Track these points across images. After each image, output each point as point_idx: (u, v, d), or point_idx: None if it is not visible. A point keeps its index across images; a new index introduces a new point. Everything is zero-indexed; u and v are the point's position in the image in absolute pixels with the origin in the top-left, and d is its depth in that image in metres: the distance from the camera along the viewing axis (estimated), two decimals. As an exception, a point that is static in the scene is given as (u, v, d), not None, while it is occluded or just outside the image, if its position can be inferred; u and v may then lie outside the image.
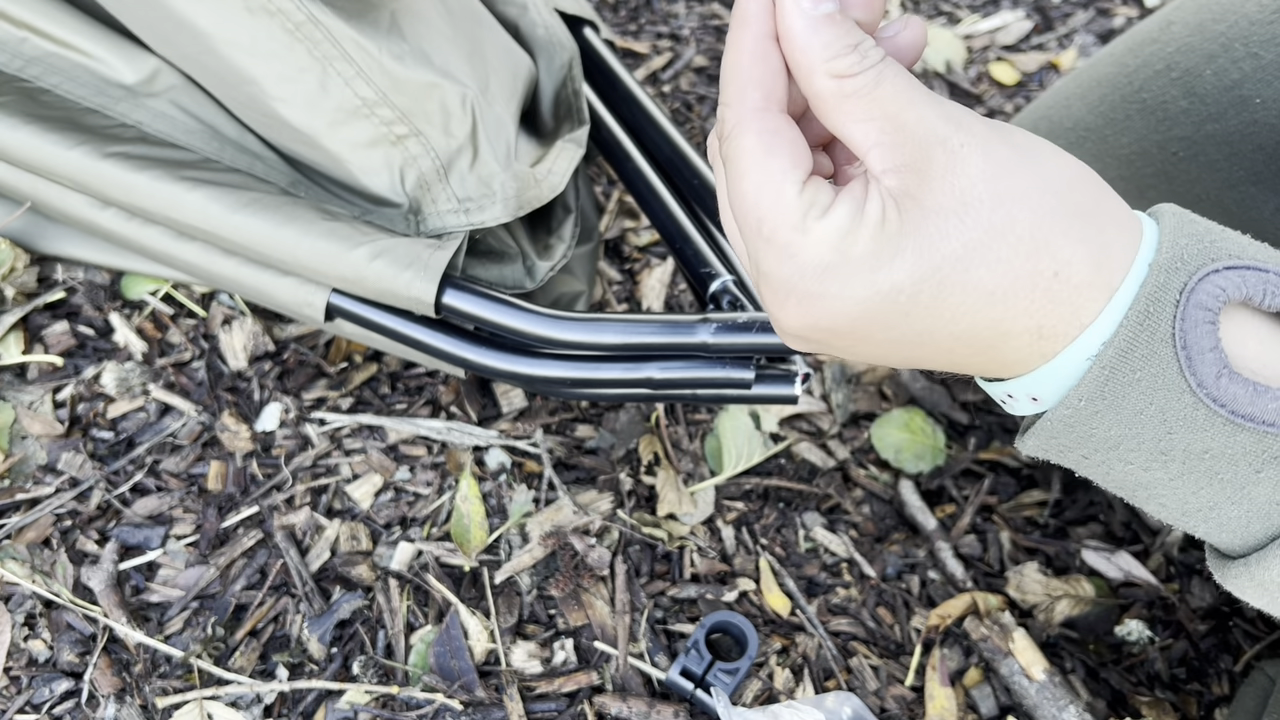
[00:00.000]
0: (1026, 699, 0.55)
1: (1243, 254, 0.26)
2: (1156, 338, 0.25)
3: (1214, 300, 0.25)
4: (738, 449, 0.65)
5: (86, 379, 0.64)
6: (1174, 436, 0.26)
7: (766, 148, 0.27)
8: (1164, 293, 0.25)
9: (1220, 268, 0.25)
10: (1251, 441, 0.26)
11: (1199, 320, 0.25)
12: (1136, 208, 0.54)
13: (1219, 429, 0.26)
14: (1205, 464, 0.26)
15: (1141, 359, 0.25)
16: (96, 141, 0.53)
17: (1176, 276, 0.25)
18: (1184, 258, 0.25)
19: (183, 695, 0.53)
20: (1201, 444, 0.26)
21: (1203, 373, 0.25)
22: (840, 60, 0.26)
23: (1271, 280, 0.25)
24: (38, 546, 0.57)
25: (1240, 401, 0.25)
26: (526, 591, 0.59)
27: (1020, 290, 0.26)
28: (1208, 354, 0.25)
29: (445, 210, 0.53)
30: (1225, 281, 0.25)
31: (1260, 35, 0.47)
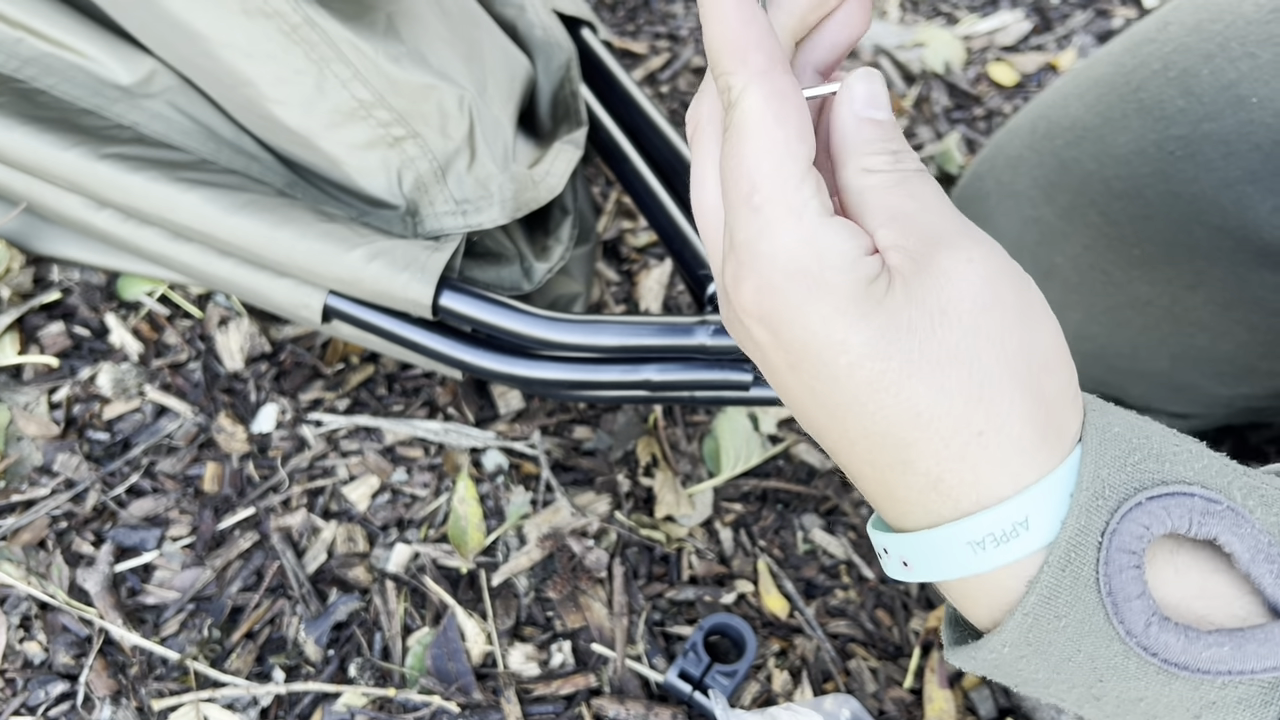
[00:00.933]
0: (1025, 701, 0.55)
1: (1169, 473, 0.24)
2: (1080, 582, 0.24)
3: (1138, 542, 0.23)
4: (736, 450, 0.65)
5: (82, 380, 0.64)
6: (1105, 684, 0.25)
7: (775, 114, 0.25)
8: (1085, 535, 0.23)
9: (1144, 499, 0.24)
10: (1187, 689, 0.24)
11: (1123, 565, 0.23)
12: (1134, 207, 0.55)
13: (1152, 678, 0.24)
14: (1140, 709, 0.25)
15: (1066, 605, 0.24)
16: (93, 142, 0.53)
17: (1098, 516, 0.24)
18: (1105, 491, 0.24)
19: (178, 697, 0.52)
20: (1135, 692, 0.24)
21: (1131, 621, 0.23)
22: (875, 158, 0.27)
23: (1197, 506, 0.24)
24: (33, 548, 0.57)
25: (1173, 650, 0.23)
26: (524, 593, 0.58)
27: (943, 427, 0.24)
28: (1134, 601, 0.23)
29: (442, 212, 0.53)
30: (1149, 518, 0.23)
31: (1257, 35, 0.47)
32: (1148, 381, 0.61)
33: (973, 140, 0.92)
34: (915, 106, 0.94)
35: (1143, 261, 0.54)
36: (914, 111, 0.94)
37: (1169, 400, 0.64)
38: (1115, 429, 0.25)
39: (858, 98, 0.27)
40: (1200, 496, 0.24)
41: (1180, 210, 0.51)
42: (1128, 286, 0.56)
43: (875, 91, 0.27)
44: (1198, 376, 0.58)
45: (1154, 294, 0.55)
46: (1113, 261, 0.55)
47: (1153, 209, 0.53)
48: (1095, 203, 0.55)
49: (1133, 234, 0.54)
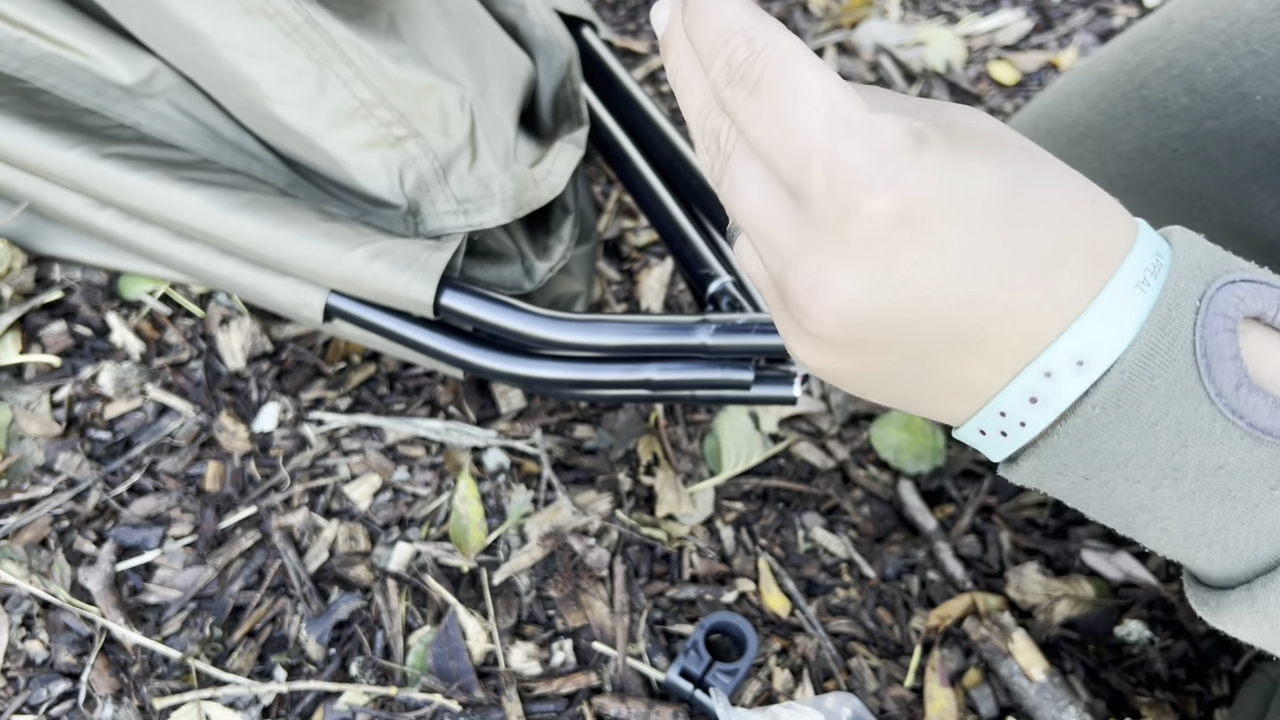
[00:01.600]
0: (1026, 700, 0.55)
1: (1253, 272, 0.26)
2: (1176, 344, 0.24)
3: (1233, 309, 0.24)
4: (737, 449, 0.65)
5: (84, 379, 0.64)
6: (1188, 450, 0.25)
7: (809, 51, 0.25)
8: (1184, 298, 0.24)
9: (1237, 279, 0.25)
10: (1269, 457, 0.25)
11: (1219, 328, 0.24)
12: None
13: (1236, 442, 0.25)
14: (1219, 480, 0.25)
15: (1161, 365, 0.24)
16: (94, 142, 0.53)
17: (1196, 283, 0.25)
18: (1201, 266, 0.25)
19: (180, 696, 0.53)
20: (1217, 458, 0.25)
21: (1222, 382, 0.24)
22: None
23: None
24: (35, 547, 0.57)
25: (1260, 414, 0.24)
26: (525, 592, 0.58)
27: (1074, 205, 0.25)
28: (1228, 362, 0.24)
29: (444, 211, 0.53)
30: (1243, 292, 0.25)
31: (1261, 32, 0.47)
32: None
33: (974, 139, 0.92)
34: (917, 105, 0.94)
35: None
36: (916, 110, 0.94)
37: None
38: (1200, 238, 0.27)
39: None
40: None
41: (1183, 208, 0.51)
42: (1130, 285, 0.56)
43: None
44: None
45: (1156, 292, 0.55)
46: None
47: (1156, 207, 0.52)
48: (1097, 201, 0.55)
49: (1135, 232, 0.54)
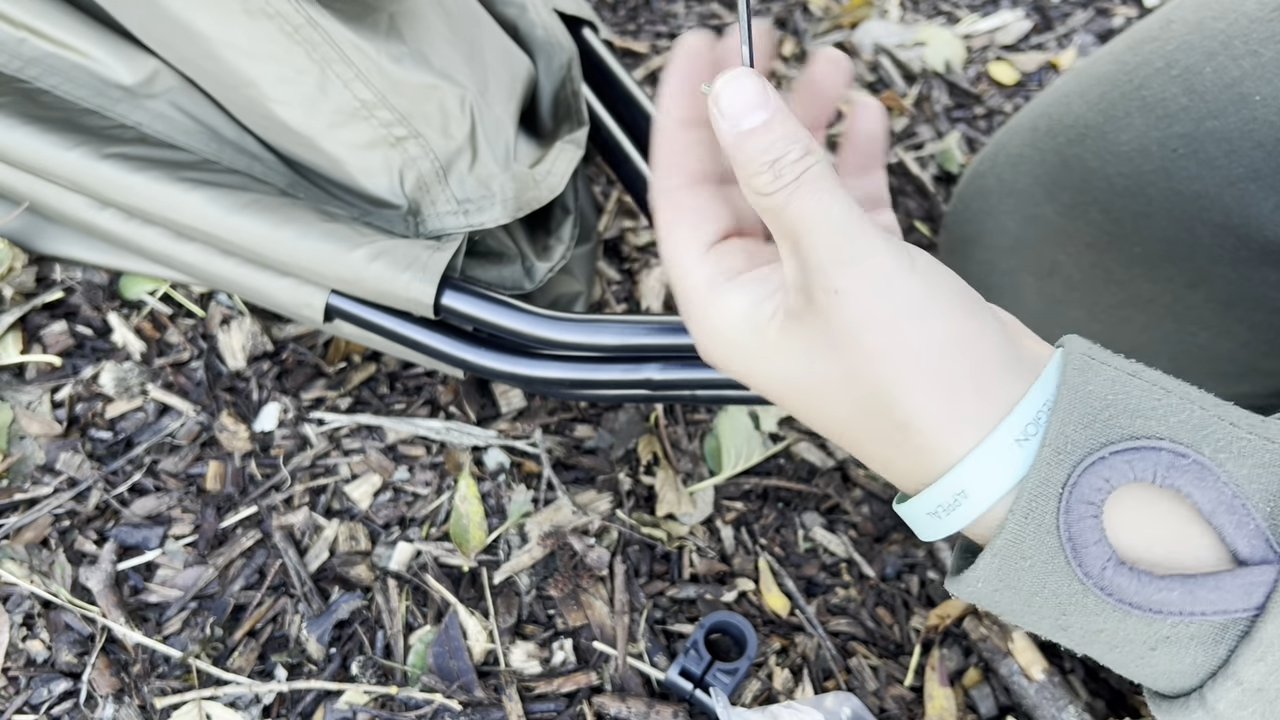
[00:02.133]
0: (1026, 699, 0.55)
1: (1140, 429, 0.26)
2: (1043, 529, 0.26)
3: (1097, 494, 0.25)
4: (737, 449, 0.65)
5: (85, 379, 0.64)
6: (1068, 617, 0.27)
7: (672, 219, 0.31)
8: (1047, 486, 0.26)
9: (1108, 454, 0.25)
10: (1141, 625, 0.26)
11: (1083, 514, 0.25)
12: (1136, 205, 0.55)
13: (1109, 614, 0.26)
14: (1102, 639, 0.27)
15: (1031, 548, 0.26)
16: (95, 142, 0.53)
17: (1059, 470, 0.26)
18: (1068, 447, 0.26)
19: (181, 695, 0.53)
20: (1095, 625, 0.27)
21: (1089, 565, 0.26)
22: (758, 178, 0.28)
23: (1164, 460, 0.25)
24: (36, 546, 0.57)
25: (1127, 592, 0.26)
26: (525, 592, 0.59)
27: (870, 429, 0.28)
28: (1091, 547, 0.25)
29: (444, 212, 0.53)
30: (1111, 471, 0.25)
31: (1260, 33, 0.47)
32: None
33: (973, 139, 0.92)
34: (916, 105, 0.94)
35: (1144, 259, 0.54)
36: (915, 110, 0.94)
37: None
38: (1090, 386, 0.26)
39: (727, 112, 0.28)
40: (1168, 450, 0.26)
41: (1182, 208, 0.51)
42: (1129, 284, 0.56)
43: (744, 92, 0.27)
44: (1199, 375, 0.58)
45: (1155, 292, 0.55)
46: (1114, 259, 0.55)
47: (1155, 207, 0.53)
48: (1097, 201, 0.55)
49: (1134, 232, 0.54)
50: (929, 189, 0.86)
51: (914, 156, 0.89)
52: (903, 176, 0.87)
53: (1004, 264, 0.61)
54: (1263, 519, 0.25)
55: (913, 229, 0.83)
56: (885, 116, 0.33)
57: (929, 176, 0.88)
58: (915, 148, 0.90)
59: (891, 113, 0.94)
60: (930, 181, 0.87)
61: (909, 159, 0.88)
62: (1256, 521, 0.25)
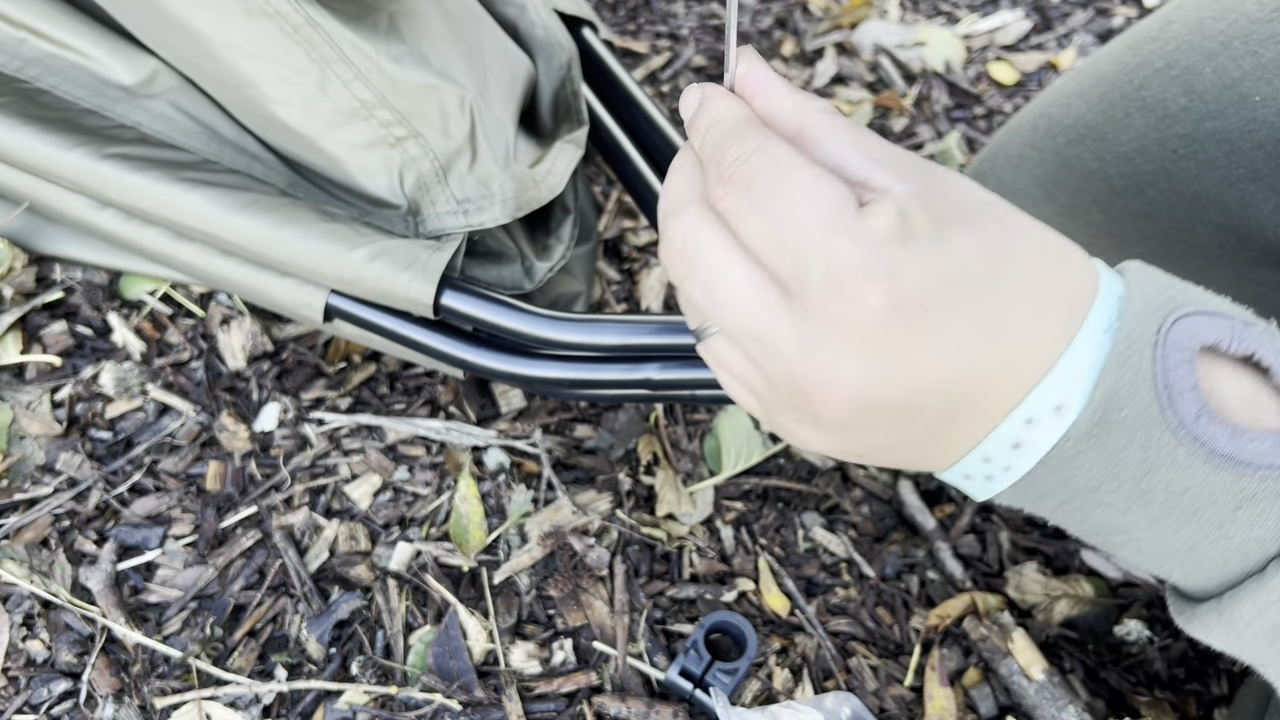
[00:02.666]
0: (1026, 699, 0.55)
1: (1208, 303, 0.27)
2: (1139, 377, 0.26)
3: (1189, 341, 0.26)
4: (737, 449, 0.65)
5: (85, 379, 0.64)
6: (1154, 475, 0.27)
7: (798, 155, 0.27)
8: (1142, 333, 0.26)
9: (1190, 312, 0.27)
10: (1229, 480, 0.26)
11: (1177, 361, 0.26)
12: (1136, 206, 0.55)
13: (1198, 467, 0.26)
14: (1185, 502, 0.27)
15: (1125, 398, 0.26)
16: (95, 142, 0.53)
17: (1152, 318, 0.26)
18: (1155, 302, 0.27)
19: (181, 695, 0.53)
20: (1181, 482, 0.27)
21: (1183, 412, 0.26)
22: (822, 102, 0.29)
23: (1236, 326, 0.27)
24: (36, 546, 0.57)
25: (1219, 441, 0.26)
26: (525, 592, 0.59)
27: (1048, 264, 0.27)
28: (1187, 394, 0.26)
29: (444, 212, 0.53)
30: (1197, 325, 0.26)
31: (1260, 33, 0.47)
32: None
33: (973, 139, 0.92)
34: (915, 105, 0.94)
35: (1144, 259, 0.54)
36: (914, 110, 0.94)
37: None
38: (1156, 271, 0.28)
39: (771, 76, 0.30)
40: (1239, 319, 0.27)
41: (1182, 209, 0.51)
42: (1129, 285, 0.56)
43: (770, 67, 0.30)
44: (1199, 375, 0.58)
45: (1155, 292, 0.55)
46: (1114, 259, 0.55)
47: (1155, 207, 0.53)
48: (1097, 201, 0.55)
49: (1134, 232, 0.54)
50: (929, 189, 0.86)
51: (914, 156, 0.89)
52: (902, 176, 0.87)
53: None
54: None
55: (912, 229, 0.83)
56: None
57: (929, 176, 0.88)
58: (915, 148, 0.90)
59: (891, 113, 0.94)
60: (930, 181, 0.87)
61: (909, 159, 0.88)
62: None
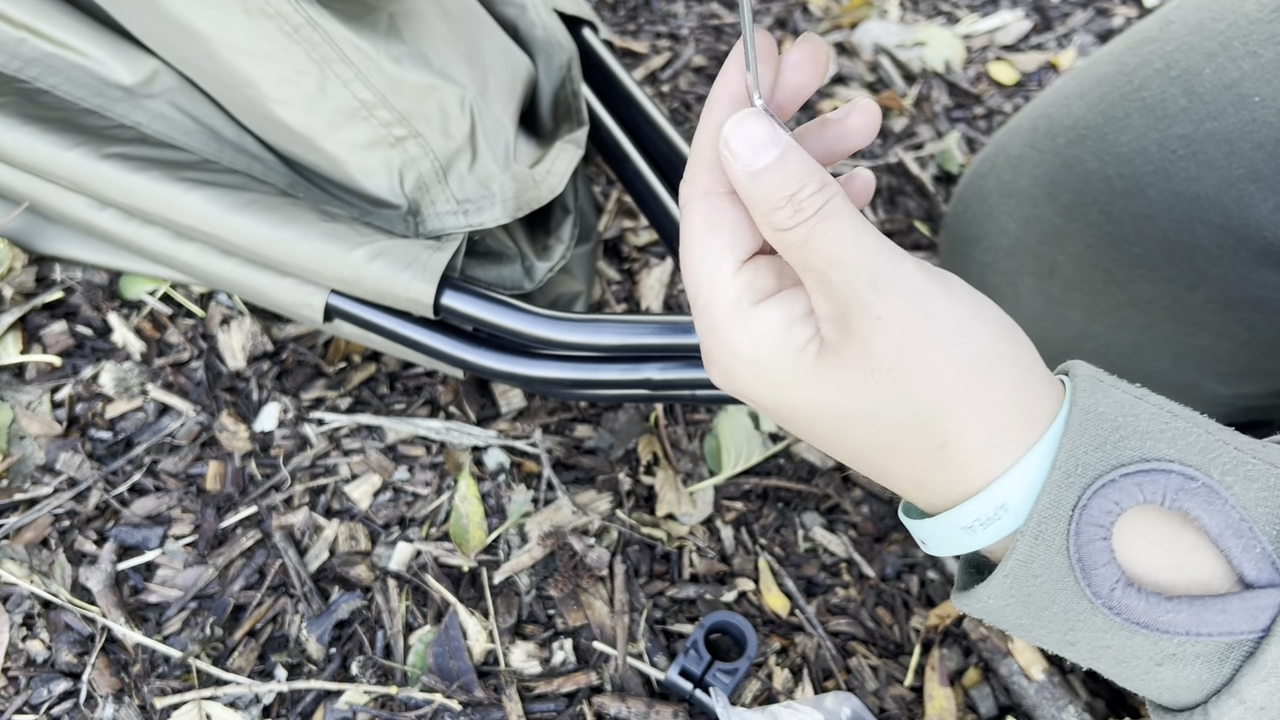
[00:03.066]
0: (1026, 699, 0.55)
1: (1150, 451, 0.26)
2: (1053, 549, 0.26)
3: (1106, 516, 0.26)
4: (737, 449, 0.65)
5: (85, 379, 0.64)
6: (1077, 633, 0.28)
7: (709, 226, 0.29)
8: (1058, 509, 0.26)
9: (1118, 476, 0.26)
10: (1148, 643, 0.27)
11: (1092, 536, 0.26)
12: (1135, 206, 0.55)
13: (1116, 631, 0.27)
14: (1110, 654, 0.28)
15: (1042, 566, 0.27)
16: (95, 142, 0.53)
17: (1070, 492, 0.26)
18: (1078, 469, 0.26)
19: (181, 695, 0.53)
20: (1102, 641, 0.27)
21: (1098, 585, 0.26)
22: (776, 214, 0.27)
23: (1173, 483, 0.26)
24: (36, 546, 0.57)
25: (1135, 612, 0.26)
26: (525, 592, 0.59)
27: (908, 450, 0.28)
28: (1101, 569, 0.26)
29: (444, 212, 0.53)
30: (1120, 494, 0.26)
31: (1259, 34, 0.47)
32: (1149, 381, 0.61)
33: (973, 139, 0.92)
34: (915, 105, 0.94)
35: (1144, 260, 0.54)
36: (914, 110, 0.94)
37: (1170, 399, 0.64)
38: (1101, 409, 0.27)
39: (739, 153, 0.27)
40: (1177, 473, 0.26)
41: (1182, 209, 0.51)
42: (1129, 285, 0.56)
43: (753, 134, 0.27)
44: (1199, 376, 0.58)
45: (1155, 293, 0.55)
46: (1114, 260, 0.56)
47: (1154, 208, 0.53)
48: (1097, 201, 0.55)
49: (1134, 233, 0.54)
50: (929, 189, 0.86)
51: (914, 156, 0.89)
52: (903, 176, 0.87)
53: (1003, 265, 0.61)
54: (1269, 542, 0.26)
55: (913, 229, 0.83)
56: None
57: (929, 176, 0.88)
58: (915, 148, 0.90)
59: (891, 113, 0.94)
60: (930, 181, 0.87)
61: (909, 159, 0.88)
62: (1263, 545, 0.26)
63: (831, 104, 0.93)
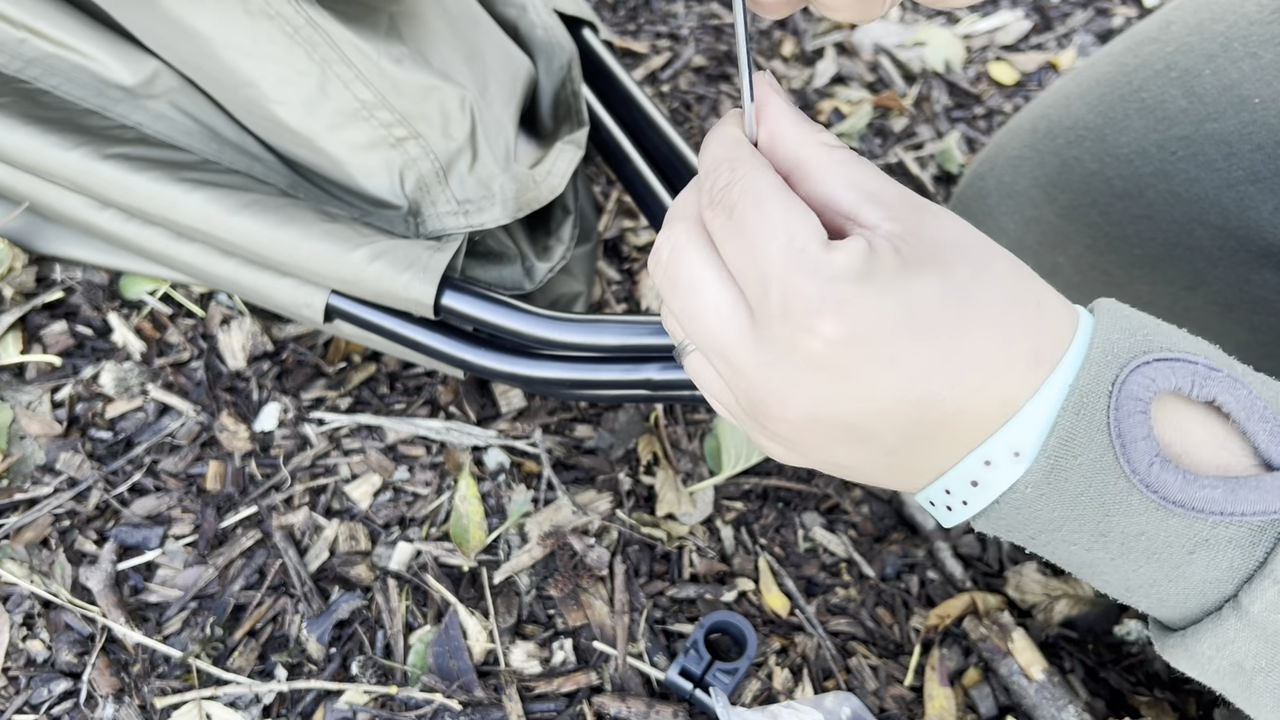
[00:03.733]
0: (1025, 699, 0.55)
1: (1174, 347, 0.28)
2: (1093, 426, 0.27)
3: (1145, 390, 0.27)
4: (737, 449, 0.65)
5: (85, 379, 0.64)
6: (1111, 519, 0.28)
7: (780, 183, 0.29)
8: (1098, 383, 0.27)
9: (1151, 359, 0.27)
10: (1183, 526, 0.27)
11: (1131, 410, 0.27)
12: (1135, 207, 0.55)
13: (1152, 513, 0.27)
14: (1141, 544, 0.28)
15: (1081, 445, 0.27)
16: (96, 143, 0.53)
17: (1109, 368, 0.27)
18: (1116, 350, 0.27)
19: (181, 695, 0.53)
20: (1137, 526, 0.28)
21: (1136, 460, 0.27)
22: (827, 134, 0.30)
23: (1200, 371, 0.27)
24: (36, 546, 0.57)
25: (1171, 489, 0.27)
26: (525, 591, 0.59)
27: (1019, 310, 0.28)
28: (1140, 442, 0.27)
29: (444, 212, 0.53)
30: (1155, 373, 0.27)
31: (1259, 35, 0.47)
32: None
33: (973, 139, 0.92)
34: (915, 106, 0.94)
35: (1144, 261, 0.54)
36: (914, 110, 0.94)
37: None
38: (1126, 312, 0.29)
39: (781, 106, 0.30)
40: (1203, 364, 0.27)
41: (1181, 210, 0.51)
42: (1129, 286, 0.56)
43: (784, 95, 0.31)
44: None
45: (1155, 294, 0.55)
46: (1114, 261, 0.56)
47: (1154, 209, 0.53)
48: (1097, 202, 0.55)
49: (1134, 234, 0.54)
50: (929, 189, 0.86)
51: (914, 156, 0.89)
52: (903, 176, 0.87)
53: (1003, 265, 0.61)
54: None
55: (912, 229, 0.83)
56: None
57: (929, 176, 0.88)
58: (915, 148, 0.90)
59: (891, 113, 0.94)
60: (930, 181, 0.87)
61: (909, 159, 0.88)
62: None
63: (832, 104, 0.93)
